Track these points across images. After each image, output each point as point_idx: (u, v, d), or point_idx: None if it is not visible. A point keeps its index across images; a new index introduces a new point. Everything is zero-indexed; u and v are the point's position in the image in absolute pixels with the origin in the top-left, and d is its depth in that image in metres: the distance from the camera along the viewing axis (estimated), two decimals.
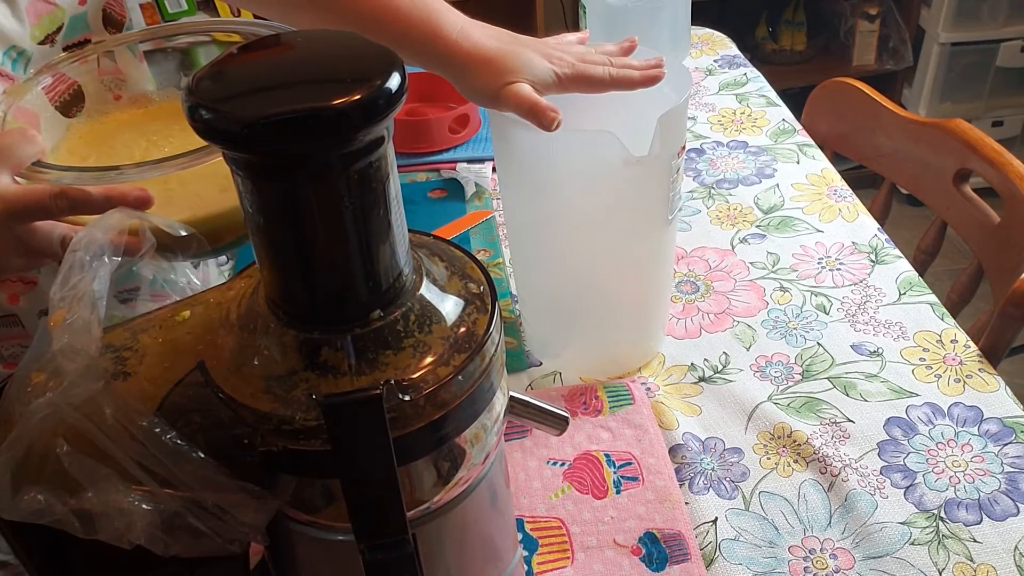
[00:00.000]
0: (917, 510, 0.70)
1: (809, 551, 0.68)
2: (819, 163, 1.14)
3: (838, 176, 1.11)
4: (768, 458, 0.75)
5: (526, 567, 0.68)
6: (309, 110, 0.35)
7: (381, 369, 0.40)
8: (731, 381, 0.83)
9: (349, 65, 0.39)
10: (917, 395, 0.80)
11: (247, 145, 0.36)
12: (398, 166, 0.41)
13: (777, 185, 1.10)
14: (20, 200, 0.54)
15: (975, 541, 0.68)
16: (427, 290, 0.43)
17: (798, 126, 1.23)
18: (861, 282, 0.94)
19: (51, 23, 0.70)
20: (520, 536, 0.70)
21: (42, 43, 0.70)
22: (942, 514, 0.70)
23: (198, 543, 0.40)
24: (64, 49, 0.72)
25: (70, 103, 0.71)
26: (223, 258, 1.05)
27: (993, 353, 0.86)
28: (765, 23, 2.58)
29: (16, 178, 0.56)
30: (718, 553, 0.68)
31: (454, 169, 1.15)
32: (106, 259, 0.43)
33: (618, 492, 0.73)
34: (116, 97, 0.74)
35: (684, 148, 0.74)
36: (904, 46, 2.46)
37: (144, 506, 0.39)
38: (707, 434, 0.78)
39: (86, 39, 0.74)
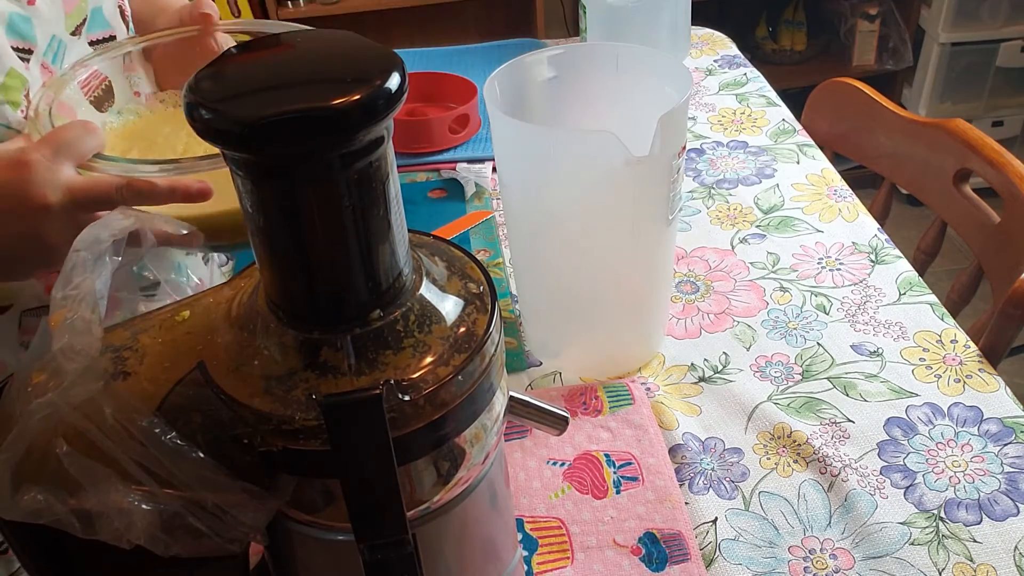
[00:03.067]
0: (917, 510, 0.70)
1: (809, 551, 0.68)
2: (819, 163, 1.14)
3: (838, 176, 1.11)
4: (768, 458, 0.75)
5: (526, 567, 0.68)
6: (309, 110, 0.35)
7: (381, 369, 0.40)
8: (731, 381, 0.83)
9: (349, 65, 0.39)
10: (917, 395, 0.80)
11: (247, 145, 0.36)
12: (398, 166, 0.41)
13: (777, 185, 1.10)
14: (86, 191, 0.55)
15: (975, 541, 0.68)
16: (427, 290, 0.43)
17: (798, 126, 1.23)
18: (861, 282, 0.94)
19: (78, 14, 0.70)
20: (520, 536, 0.70)
21: (73, 34, 0.70)
22: (942, 514, 0.70)
23: (198, 543, 0.40)
24: (90, 44, 0.73)
25: (102, 99, 0.72)
26: (223, 258, 1.05)
27: (993, 353, 0.86)
28: (765, 23, 2.59)
29: (78, 170, 0.57)
30: (718, 553, 0.68)
31: (454, 169, 1.16)
32: (108, 260, 0.43)
33: (618, 492, 0.73)
34: (136, 94, 0.75)
35: (684, 148, 0.74)
36: (904, 46, 2.46)
37: (144, 506, 0.39)
38: (707, 434, 0.78)
39: (111, 35, 0.75)
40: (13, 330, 0.67)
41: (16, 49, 0.63)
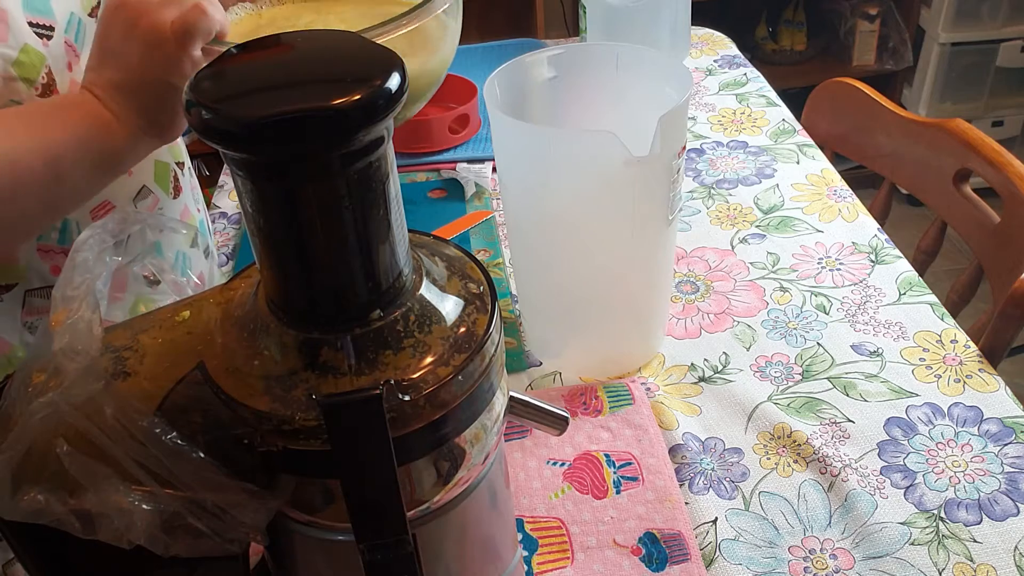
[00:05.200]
0: (917, 510, 0.70)
1: (809, 551, 0.68)
2: (819, 163, 1.14)
3: (838, 176, 1.11)
4: (768, 458, 0.75)
5: (526, 567, 0.68)
6: (309, 110, 0.35)
7: (381, 369, 0.40)
8: (731, 381, 0.83)
9: (349, 65, 0.39)
10: (917, 395, 0.80)
11: (247, 145, 0.36)
12: (398, 166, 0.41)
13: (777, 185, 1.10)
14: (183, 23, 0.58)
15: (975, 541, 0.68)
16: (427, 290, 0.43)
17: (798, 126, 1.23)
18: (861, 282, 0.94)
19: None
20: (520, 536, 0.70)
21: (90, 15, 0.70)
22: (942, 514, 0.70)
23: (198, 543, 0.40)
24: None
25: None
26: (223, 258, 1.05)
27: (993, 353, 0.86)
28: (765, 23, 2.59)
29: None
30: (718, 553, 0.68)
31: (454, 169, 1.16)
32: (108, 260, 0.43)
33: (618, 492, 0.73)
34: None
35: (684, 148, 0.74)
36: (904, 46, 2.46)
37: (144, 506, 0.39)
38: (707, 434, 0.78)
39: None
40: (16, 310, 0.67)
41: (35, 25, 0.62)
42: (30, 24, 0.62)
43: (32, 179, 0.54)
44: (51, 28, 0.63)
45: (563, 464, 0.76)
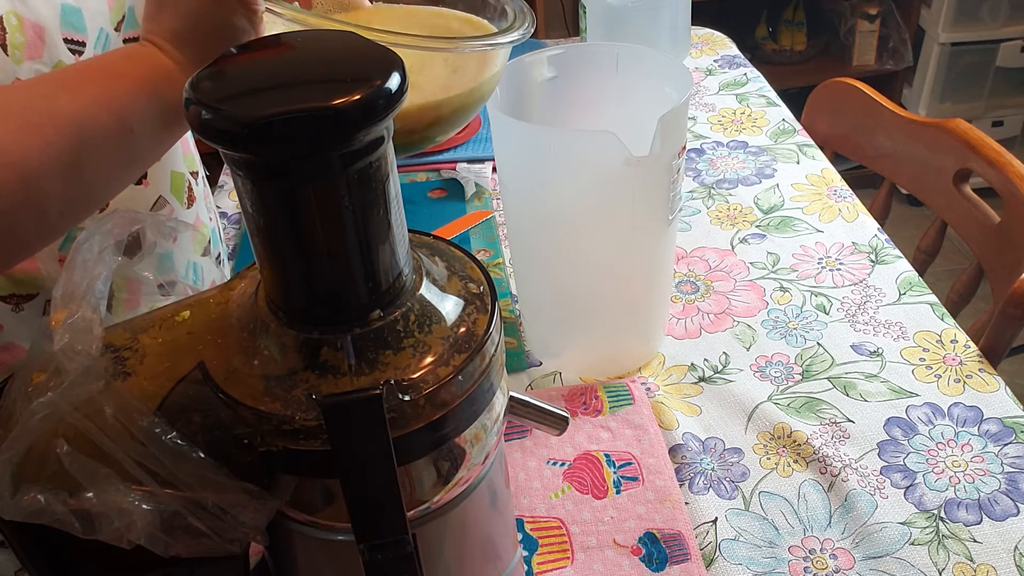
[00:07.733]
0: (917, 510, 0.70)
1: (809, 551, 0.68)
2: (819, 163, 1.14)
3: (838, 176, 1.11)
4: (768, 458, 0.75)
5: (526, 567, 0.68)
6: (309, 110, 0.35)
7: (381, 369, 0.40)
8: (731, 381, 0.83)
9: (349, 65, 0.39)
10: (917, 395, 0.80)
11: (247, 145, 0.36)
12: (398, 166, 0.41)
13: (777, 185, 1.10)
14: None
15: (975, 541, 0.68)
16: (427, 290, 0.43)
17: (798, 126, 1.23)
18: (861, 282, 0.94)
19: (119, 9, 0.70)
20: (520, 536, 0.70)
21: (116, 29, 0.69)
22: (942, 514, 0.70)
23: (198, 543, 0.40)
24: (124, 41, 0.72)
25: None
26: (223, 258, 1.05)
27: (993, 353, 0.86)
28: (765, 23, 2.58)
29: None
30: (718, 553, 0.68)
31: (454, 169, 1.16)
32: (108, 259, 0.43)
33: (618, 492, 0.73)
34: None
35: (684, 148, 0.74)
36: (904, 46, 2.46)
37: (144, 506, 0.39)
38: (707, 434, 0.78)
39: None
40: (36, 319, 0.67)
41: (68, 41, 0.62)
42: (65, 40, 0.61)
43: (105, 134, 0.53)
44: (83, 44, 0.63)
45: (563, 464, 0.76)
